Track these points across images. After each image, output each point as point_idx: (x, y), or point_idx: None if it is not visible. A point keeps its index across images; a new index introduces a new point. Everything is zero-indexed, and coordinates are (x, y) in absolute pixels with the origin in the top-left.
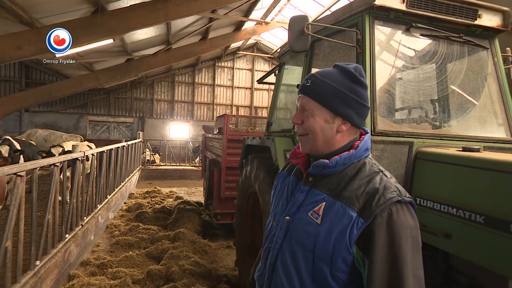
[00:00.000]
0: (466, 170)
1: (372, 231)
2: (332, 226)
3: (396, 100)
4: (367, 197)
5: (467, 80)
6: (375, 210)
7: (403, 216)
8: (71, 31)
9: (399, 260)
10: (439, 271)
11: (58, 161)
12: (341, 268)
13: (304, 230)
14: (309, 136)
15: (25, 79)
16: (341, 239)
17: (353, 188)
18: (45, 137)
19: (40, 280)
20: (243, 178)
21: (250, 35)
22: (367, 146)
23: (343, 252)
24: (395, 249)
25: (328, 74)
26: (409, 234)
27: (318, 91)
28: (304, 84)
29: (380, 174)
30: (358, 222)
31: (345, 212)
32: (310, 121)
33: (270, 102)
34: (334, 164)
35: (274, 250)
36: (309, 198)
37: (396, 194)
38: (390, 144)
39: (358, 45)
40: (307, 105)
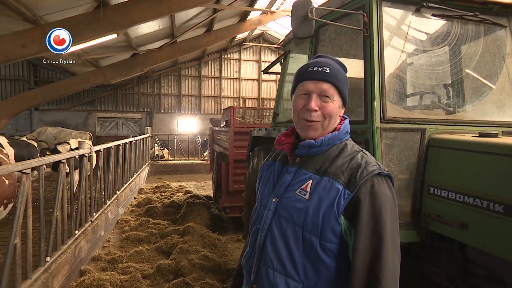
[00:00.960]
0: (483, 157)
1: (357, 200)
2: (321, 199)
3: (406, 85)
4: (352, 171)
5: (483, 62)
6: (360, 181)
7: (383, 187)
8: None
9: (380, 225)
10: (455, 263)
11: (65, 157)
12: (330, 239)
13: (293, 207)
14: (325, 121)
15: (34, 78)
16: (329, 210)
17: (338, 165)
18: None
19: (51, 276)
20: (250, 171)
21: (255, 25)
22: (347, 129)
23: (332, 222)
24: (376, 215)
25: (332, 63)
26: (388, 203)
27: (339, 78)
28: (320, 71)
29: (361, 153)
30: (345, 194)
31: (332, 185)
32: (331, 106)
33: (276, 92)
34: (319, 144)
35: (263, 231)
36: (296, 177)
37: (376, 168)
38: (401, 132)
39: (365, 29)
40: (328, 90)
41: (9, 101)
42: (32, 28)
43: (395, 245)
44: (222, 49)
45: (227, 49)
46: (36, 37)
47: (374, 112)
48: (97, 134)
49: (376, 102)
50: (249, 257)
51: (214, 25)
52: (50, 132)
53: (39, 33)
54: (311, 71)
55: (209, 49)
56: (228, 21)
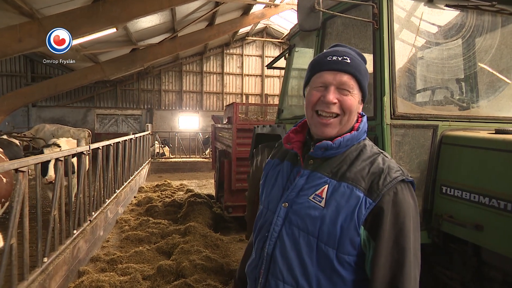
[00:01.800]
0: (499, 155)
1: (380, 210)
2: (339, 207)
3: (418, 80)
4: (373, 177)
5: (500, 55)
6: (383, 189)
7: (407, 195)
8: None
9: (403, 236)
10: (469, 266)
11: (62, 155)
12: (348, 251)
13: (307, 215)
14: (343, 117)
15: (31, 74)
16: (349, 220)
17: (357, 169)
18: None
19: (48, 277)
20: (253, 169)
21: (259, 19)
22: (365, 128)
23: (351, 233)
24: (399, 226)
25: (353, 53)
26: (411, 213)
27: (360, 69)
28: (340, 61)
29: (381, 155)
30: (366, 202)
31: (352, 192)
32: (350, 100)
33: (281, 88)
34: (337, 145)
35: (272, 239)
36: (309, 182)
37: (400, 174)
38: (412, 128)
39: (374, 21)
40: (348, 82)
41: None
42: (29, 22)
43: (417, 258)
44: (224, 44)
45: (229, 44)
46: (33, 32)
47: (384, 108)
48: (96, 131)
49: (386, 97)
50: (255, 266)
51: (216, 19)
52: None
53: (36, 27)
54: (329, 60)
55: (210, 44)
56: (231, 15)
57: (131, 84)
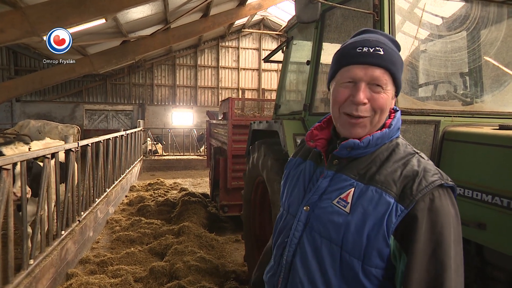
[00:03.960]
0: (503, 151)
1: (413, 219)
2: (366, 214)
3: (419, 74)
4: (406, 181)
5: (505, 48)
6: (417, 195)
7: (445, 202)
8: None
9: (442, 250)
10: (472, 266)
11: (49, 152)
12: (376, 263)
13: (329, 221)
14: (375, 116)
15: (14, 66)
16: (377, 229)
17: (388, 172)
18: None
19: (35, 280)
20: (250, 166)
21: (255, 10)
22: (399, 125)
23: (379, 244)
24: (437, 238)
25: (387, 42)
26: (452, 223)
27: (394, 61)
28: (372, 53)
29: (417, 156)
30: (397, 209)
31: (381, 197)
32: (383, 98)
33: (278, 83)
34: (365, 145)
35: (292, 245)
36: (334, 184)
37: (438, 177)
38: (413, 124)
39: (375, 12)
40: (381, 78)
41: None
42: (11, 11)
43: (459, 275)
44: (219, 36)
45: (225, 36)
46: (16, 22)
47: None
48: (85, 127)
49: None
50: (273, 273)
51: (211, 10)
52: (33, 126)
53: (20, 17)
54: (359, 52)
55: (205, 36)
56: (226, 6)
57: (122, 78)
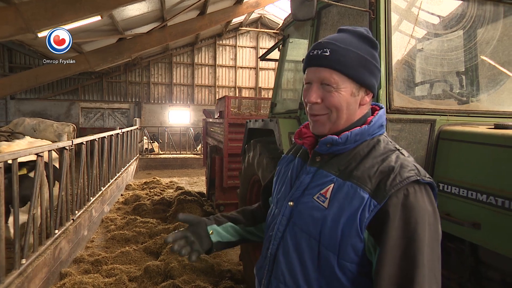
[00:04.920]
0: (498, 151)
1: (385, 214)
2: (341, 209)
3: (415, 73)
4: (381, 176)
5: (502, 47)
6: (390, 190)
7: (421, 198)
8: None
9: (415, 247)
10: (466, 265)
11: (42, 151)
12: (350, 258)
13: (310, 215)
14: (331, 114)
15: (8, 63)
16: (351, 223)
17: (366, 168)
18: (34, 126)
19: (27, 279)
20: (245, 165)
21: (253, 8)
22: (381, 122)
23: (353, 239)
24: (410, 234)
25: (345, 40)
26: (427, 220)
27: (343, 60)
28: (320, 55)
29: (397, 152)
30: (371, 204)
31: (356, 193)
32: (335, 96)
33: (274, 81)
34: (344, 141)
35: (276, 239)
36: (315, 180)
37: (414, 173)
38: (408, 123)
39: (371, 10)
40: (329, 78)
41: None
42: (4, 7)
43: (434, 273)
44: (216, 34)
45: (222, 34)
46: (9, 18)
47: (379, 102)
48: (81, 125)
49: (381, 91)
50: (260, 266)
51: (208, 8)
52: (28, 124)
53: (13, 14)
54: (311, 55)
55: (202, 34)
56: (223, 4)
57: (118, 76)
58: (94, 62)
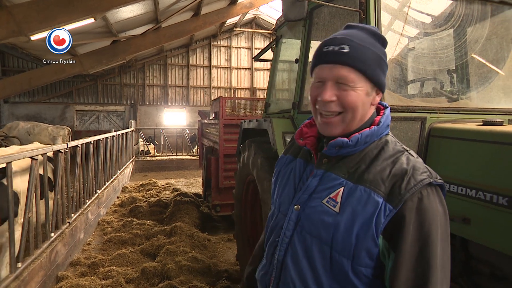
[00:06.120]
0: (486, 147)
1: (401, 218)
2: (355, 214)
3: (406, 71)
4: (395, 180)
5: (490, 45)
6: (406, 194)
7: (433, 200)
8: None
9: (429, 249)
10: (457, 260)
11: (37, 154)
12: (365, 262)
13: (320, 220)
14: (346, 114)
15: (2, 67)
16: (366, 228)
17: (377, 170)
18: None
19: (23, 283)
20: (240, 165)
21: (247, 9)
22: (388, 122)
23: (368, 244)
24: (424, 237)
25: (360, 37)
26: (439, 222)
27: (362, 58)
28: (337, 51)
29: (406, 154)
30: (386, 209)
31: (370, 197)
32: (352, 95)
33: (268, 81)
34: (354, 143)
35: (283, 244)
36: (323, 183)
37: (427, 176)
38: (399, 121)
39: (361, 10)
40: (346, 76)
41: None
42: None
43: (445, 273)
44: (211, 35)
45: (216, 35)
46: (1, 21)
47: None
48: (76, 128)
49: None
50: (265, 272)
51: (202, 9)
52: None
53: (5, 16)
54: (326, 51)
55: (197, 36)
56: (217, 4)
57: (113, 79)
58: (89, 65)
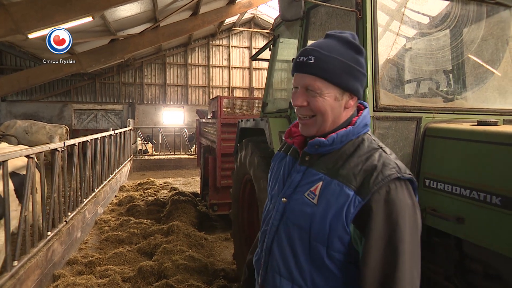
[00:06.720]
0: (480, 147)
1: (369, 209)
2: (329, 205)
3: (403, 71)
4: (365, 175)
5: (485, 45)
6: (373, 187)
7: (401, 193)
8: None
9: (396, 236)
10: (451, 259)
11: (33, 152)
12: (338, 248)
13: (301, 211)
14: (317, 117)
15: None
16: (337, 218)
17: (351, 166)
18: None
19: (19, 282)
20: (238, 165)
21: (245, 8)
22: (365, 122)
23: (340, 232)
24: (392, 227)
25: (330, 46)
26: (407, 212)
27: (326, 68)
28: (305, 62)
29: (379, 151)
30: (355, 201)
31: (342, 190)
32: (319, 101)
33: (265, 81)
34: (330, 142)
35: (270, 233)
36: (305, 178)
37: (395, 171)
38: (395, 121)
39: (357, 10)
40: (313, 84)
41: None
42: None
43: (414, 260)
44: (210, 34)
45: (215, 34)
46: None
47: (366, 100)
48: (74, 127)
49: (368, 89)
50: (258, 258)
51: (200, 8)
52: (20, 126)
53: (3, 14)
54: (297, 62)
55: (195, 35)
56: (216, 4)
57: (111, 77)
58: (87, 63)
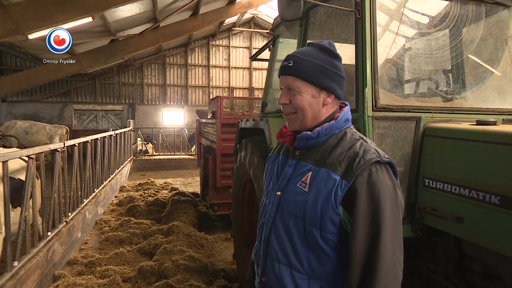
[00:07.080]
0: (480, 146)
1: (354, 190)
2: (319, 191)
3: (402, 71)
4: (349, 161)
5: (484, 45)
6: (356, 171)
7: (382, 175)
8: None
9: (379, 214)
10: (451, 258)
11: (33, 153)
12: (330, 229)
13: (294, 200)
14: (298, 113)
15: None
16: (327, 201)
17: (336, 155)
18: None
19: (19, 282)
20: (237, 165)
21: (245, 8)
22: (346, 117)
23: (331, 213)
24: (374, 205)
25: (307, 52)
26: (388, 192)
27: (302, 69)
28: (285, 65)
29: (361, 141)
30: (342, 184)
31: (329, 176)
32: (298, 98)
33: (265, 81)
34: (316, 135)
35: (268, 224)
36: (297, 170)
37: (375, 156)
38: (394, 120)
39: (356, 10)
40: (292, 84)
41: None
42: None
43: (395, 235)
44: (209, 34)
45: (215, 34)
46: None
47: (365, 100)
48: (74, 128)
49: (367, 89)
50: (257, 251)
51: (200, 8)
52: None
53: (2, 15)
54: (281, 65)
55: (195, 35)
56: (216, 4)
57: (111, 78)
58: (87, 64)
